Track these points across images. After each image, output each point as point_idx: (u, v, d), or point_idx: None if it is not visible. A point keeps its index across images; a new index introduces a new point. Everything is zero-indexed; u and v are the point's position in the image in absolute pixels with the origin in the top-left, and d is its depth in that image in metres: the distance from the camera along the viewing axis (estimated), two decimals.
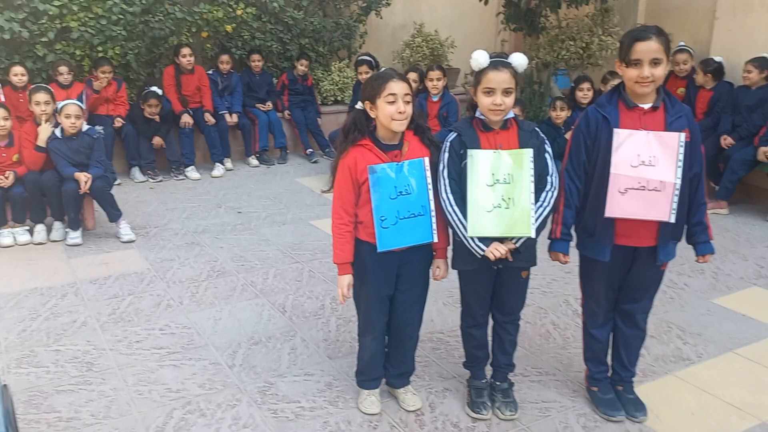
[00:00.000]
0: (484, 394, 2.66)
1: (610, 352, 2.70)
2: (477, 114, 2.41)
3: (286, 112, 7.05)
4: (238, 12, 6.78)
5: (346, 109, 7.00)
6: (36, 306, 3.59)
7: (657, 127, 2.29)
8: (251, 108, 6.86)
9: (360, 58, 6.40)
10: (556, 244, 2.48)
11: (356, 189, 2.42)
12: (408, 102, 2.35)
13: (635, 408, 2.61)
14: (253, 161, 6.81)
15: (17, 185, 4.53)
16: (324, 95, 7.44)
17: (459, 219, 2.36)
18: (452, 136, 2.41)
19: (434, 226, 2.43)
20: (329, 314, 3.52)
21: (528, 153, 2.33)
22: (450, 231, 2.48)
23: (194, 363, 3.01)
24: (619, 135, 2.28)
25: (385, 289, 2.52)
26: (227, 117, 6.64)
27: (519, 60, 2.36)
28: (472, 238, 2.34)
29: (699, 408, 2.70)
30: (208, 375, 2.91)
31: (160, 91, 6.10)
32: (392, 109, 2.32)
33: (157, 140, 6.16)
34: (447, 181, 2.38)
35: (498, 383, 2.68)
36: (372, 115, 2.40)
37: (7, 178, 4.46)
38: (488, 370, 2.72)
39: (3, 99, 5.29)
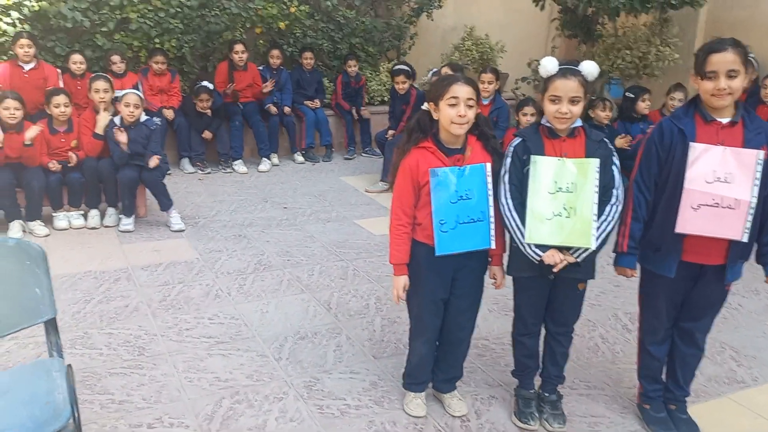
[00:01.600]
0: (532, 405, 2.63)
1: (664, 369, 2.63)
2: (543, 121, 2.38)
3: (354, 109, 7.10)
4: (292, 9, 6.86)
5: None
6: (90, 289, 3.69)
7: (734, 143, 2.22)
8: (299, 105, 6.93)
9: (396, 67, 6.33)
10: (623, 259, 2.42)
11: (416, 191, 2.41)
12: (471, 106, 2.32)
13: (688, 428, 2.55)
14: (299, 158, 6.87)
15: (75, 171, 4.67)
16: (371, 95, 7.47)
17: (517, 224, 2.33)
18: (516, 141, 2.38)
19: (492, 232, 2.41)
20: (374, 314, 3.52)
21: (594, 163, 2.28)
22: (506, 237, 2.45)
23: (242, 354, 3.05)
24: (695, 149, 2.22)
25: (440, 292, 2.50)
26: (272, 108, 6.66)
27: (589, 68, 2.30)
28: (529, 245, 2.31)
29: None
30: (255, 366, 2.95)
31: (210, 86, 6.21)
32: (452, 112, 2.30)
33: (207, 134, 6.28)
34: (507, 186, 2.36)
35: (547, 394, 2.64)
36: (435, 116, 2.39)
37: (69, 162, 4.59)
38: (536, 381, 2.68)
39: (62, 86, 5.45)
